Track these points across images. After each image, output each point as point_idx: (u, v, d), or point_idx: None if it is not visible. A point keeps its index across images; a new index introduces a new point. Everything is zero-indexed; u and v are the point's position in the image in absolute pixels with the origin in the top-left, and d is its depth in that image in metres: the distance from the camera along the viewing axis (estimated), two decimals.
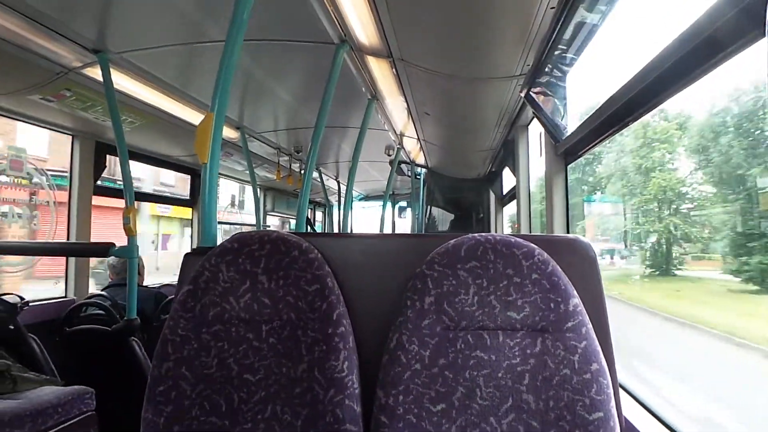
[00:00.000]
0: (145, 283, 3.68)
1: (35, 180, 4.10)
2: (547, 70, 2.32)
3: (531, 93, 2.55)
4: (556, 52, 2.14)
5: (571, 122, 2.31)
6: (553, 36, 1.95)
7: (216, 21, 2.16)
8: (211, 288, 1.11)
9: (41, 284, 3.89)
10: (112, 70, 2.48)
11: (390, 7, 1.95)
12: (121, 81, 2.67)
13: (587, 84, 2.37)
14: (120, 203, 2.85)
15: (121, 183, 2.80)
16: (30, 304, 2.77)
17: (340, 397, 1.03)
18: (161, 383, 1.06)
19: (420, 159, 5.52)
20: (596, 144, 1.92)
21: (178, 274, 1.26)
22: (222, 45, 1.61)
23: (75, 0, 1.99)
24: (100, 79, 2.50)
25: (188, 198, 4.92)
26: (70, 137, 3.39)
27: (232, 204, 10.48)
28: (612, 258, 2.90)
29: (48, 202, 4.08)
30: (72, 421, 2.27)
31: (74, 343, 2.80)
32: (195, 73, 2.81)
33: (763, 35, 0.70)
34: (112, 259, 3.30)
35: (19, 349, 2.57)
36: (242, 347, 1.09)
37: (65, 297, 3.30)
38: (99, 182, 3.53)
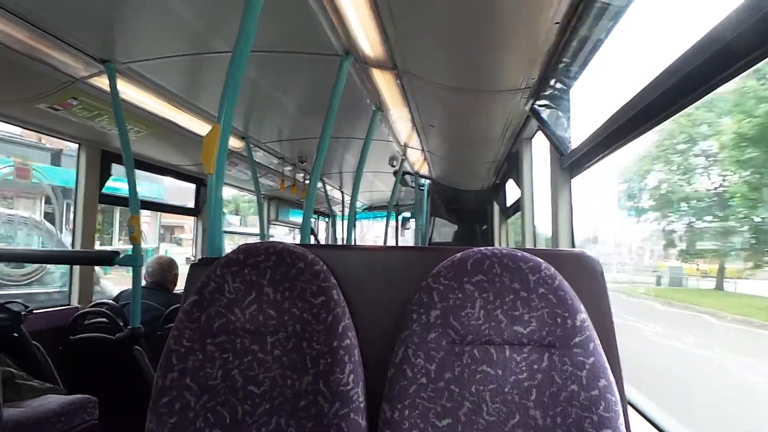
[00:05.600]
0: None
1: None
2: (551, 83, 2.33)
3: (536, 106, 2.56)
4: (561, 66, 2.15)
5: (576, 135, 2.32)
6: (558, 50, 1.97)
7: (223, 33, 2.18)
8: (217, 299, 1.11)
9: None
10: (118, 79, 2.50)
11: (395, 20, 1.96)
12: (128, 90, 2.69)
13: (593, 97, 2.38)
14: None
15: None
16: (34, 311, 2.77)
17: (345, 411, 1.02)
18: (165, 394, 1.06)
19: (424, 170, 5.53)
20: (602, 158, 1.93)
21: (185, 284, 1.26)
22: (228, 56, 1.62)
23: (84, 11, 2.01)
24: (107, 88, 2.52)
25: (192, 207, 4.92)
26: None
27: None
28: None
29: None
30: (75, 431, 2.27)
31: (78, 351, 2.80)
32: (201, 83, 2.83)
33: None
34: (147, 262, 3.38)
35: (23, 357, 2.56)
36: (247, 359, 1.09)
37: (69, 305, 3.30)
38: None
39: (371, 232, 9.76)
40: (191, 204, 4.89)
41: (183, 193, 5.30)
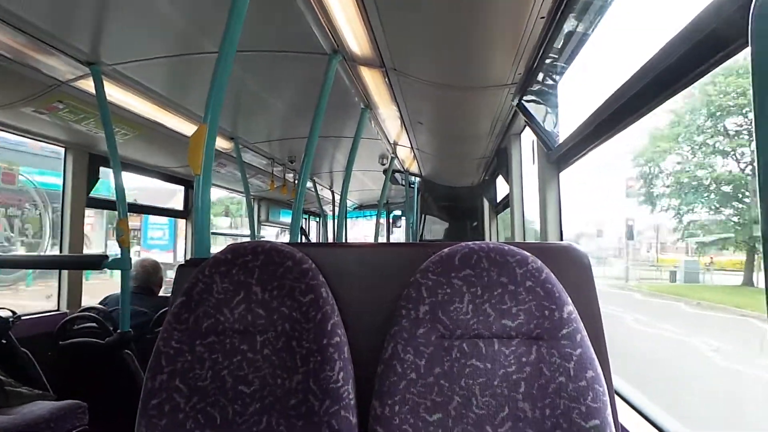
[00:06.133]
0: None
1: None
2: (538, 78, 2.34)
3: (523, 102, 2.58)
4: (547, 61, 2.16)
5: (564, 130, 2.32)
6: (544, 45, 1.97)
7: (208, 33, 2.17)
8: (205, 299, 1.10)
9: None
10: (105, 82, 2.48)
11: (382, 18, 1.96)
12: (114, 93, 2.66)
13: (579, 92, 2.39)
14: None
15: None
16: (22, 317, 2.74)
17: (336, 408, 1.02)
18: (155, 396, 1.05)
19: (414, 168, 5.54)
20: (588, 151, 1.94)
21: (172, 285, 1.25)
22: (215, 56, 1.62)
23: (68, 13, 1.99)
24: (93, 91, 2.50)
25: (182, 210, 4.89)
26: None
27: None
28: None
29: None
30: None
31: (67, 356, 2.77)
32: (188, 84, 2.82)
33: (747, 44, 0.71)
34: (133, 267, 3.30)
35: (12, 363, 2.53)
36: (237, 359, 1.08)
37: (58, 310, 3.27)
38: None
39: (357, 230, 9.68)
40: (167, 204, 4.86)
41: (155, 195, 5.28)
